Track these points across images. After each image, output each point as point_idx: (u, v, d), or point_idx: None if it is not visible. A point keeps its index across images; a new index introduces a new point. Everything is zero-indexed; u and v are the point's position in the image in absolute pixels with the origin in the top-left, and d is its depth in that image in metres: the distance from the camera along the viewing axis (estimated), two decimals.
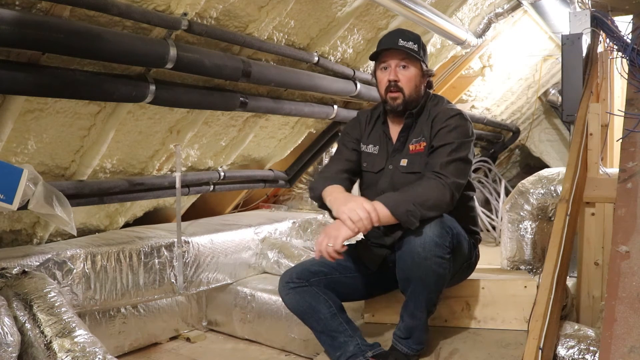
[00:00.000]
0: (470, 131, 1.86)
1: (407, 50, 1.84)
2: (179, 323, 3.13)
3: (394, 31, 1.95)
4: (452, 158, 1.77)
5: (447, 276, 1.75)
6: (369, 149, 2.00)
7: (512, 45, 4.78)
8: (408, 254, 1.69)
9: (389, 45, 1.87)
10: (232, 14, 2.47)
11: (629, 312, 1.54)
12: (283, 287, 1.92)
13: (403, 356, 1.82)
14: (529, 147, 7.18)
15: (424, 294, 1.75)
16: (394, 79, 1.87)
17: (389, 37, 1.91)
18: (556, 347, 1.80)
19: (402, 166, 1.89)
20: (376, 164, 1.97)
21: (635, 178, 1.99)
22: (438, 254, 1.67)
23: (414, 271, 1.70)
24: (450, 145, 1.78)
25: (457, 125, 1.82)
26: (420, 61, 1.89)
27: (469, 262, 1.97)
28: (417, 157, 1.87)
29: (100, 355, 1.91)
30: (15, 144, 2.27)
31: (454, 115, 1.84)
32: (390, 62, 1.88)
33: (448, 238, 1.69)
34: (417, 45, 1.88)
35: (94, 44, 1.95)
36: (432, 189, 1.71)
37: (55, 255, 2.44)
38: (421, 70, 1.91)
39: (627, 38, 2.43)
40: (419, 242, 1.66)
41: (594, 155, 2.31)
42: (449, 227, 1.71)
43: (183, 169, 3.20)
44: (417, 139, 1.89)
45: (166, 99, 2.44)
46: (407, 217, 1.65)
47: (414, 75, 1.89)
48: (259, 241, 3.42)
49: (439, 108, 1.90)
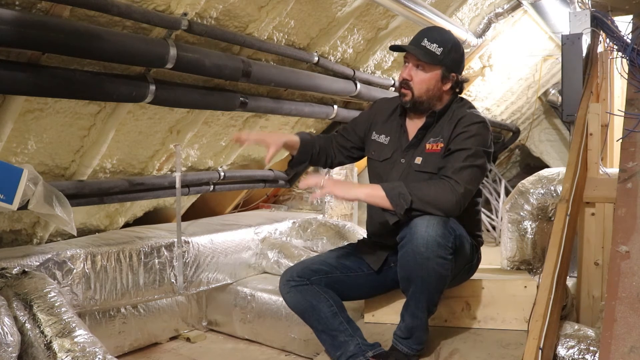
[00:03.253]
0: (490, 141, 1.84)
1: (418, 55, 1.83)
2: (179, 323, 3.13)
3: (426, 28, 1.94)
4: (467, 164, 1.76)
5: (449, 277, 1.75)
6: (380, 138, 2.00)
7: (512, 45, 4.78)
8: (410, 253, 1.69)
9: (413, 43, 1.87)
10: (232, 14, 2.47)
11: (629, 312, 1.54)
12: (284, 286, 1.92)
13: (403, 356, 1.82)
14: (529, 147, 7.18)
15: (425, 294, 1.75)
16: (406, 78, 1.87)
17: (419, 34, 1.89)
18: (556, 347, 1.80)
19: (416, 164, 1.88)
20: (383, 153, 1.98)
21: (635, 178, 1.99)
22: (440, 254, 1.67)
23: (415, 271, 1.70)
24: (467, 151, 1.77)
25: (478, 133, 1.81)
26: (440, 66, 1.85)
27: (470, 264, 1.97)
28: (432, 157, 1.86)
29: (100, 355, 1.91)
30: (15, 144, 2.27)
31: (477, 123, 1.82)
32: (409, 60, 1.88)
33: (451, 239, 1.69)
34: (442, 48, 1.83)
35: (94, 44, 1.94)
36: (438, 188, 1.71)
37: (55, 255, 2.44)
38: (440, 74, 1.87)
39: (627, 38, 2.43)
40: (421, 242, 1.66)
41: (594, 155, 2.31)
42: (451, 228, 1.71)
43: (183, 169, 3.20)
44: (435, 138, 1.87)
45: (166, 99, 2.44)
46: (398, 199, 1.68)
47: (427, 78, 1.86)
48: (259, 241, 3.42)
49: (462, 112, 1.87)
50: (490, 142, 1.86)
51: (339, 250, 2.09)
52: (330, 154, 2.10)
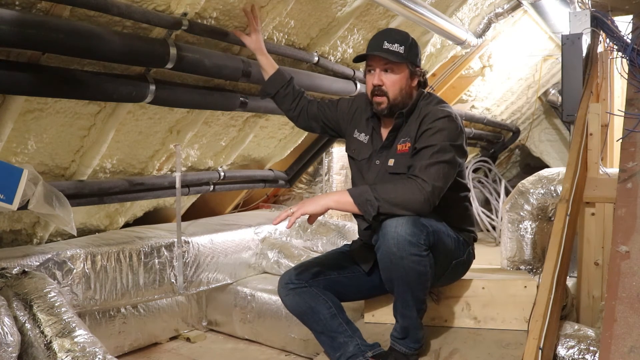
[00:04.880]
0: (457, 134, 1.82)
1: (388, 56, 1.82)
2: (179, 323, 3.14)
3: (380, 33, 1.93)
4: (433, 161, 1.74)
5: (429, 273, 1.74)
6: (361, 137, 2.02)
7: (512, 45, 4.78)
8: (385, 254, 1.70)
9: (373, 49, 1.85)
10: (232, 14, 2.47)
11: (629, 312, 1.54)
12: (282, 288, 1.92)
13: (402, 356, 1.83)
14: (529, 147, 7.18)
15: (408, 293, 1.75)
16: (377, 84, 1.86)
17: (375, 40, 1.88)
18: (556, 347, 1.80)
19: (389, 166, 1.89)
20: (362, 152, 2.00)
21: (635, 178, 1.99)
22: (413, 252, 1.67)
23: (393, 271, 1.71)
24: (432, 147, 1.76)
25: (443, 128, 1.79)
26: (407, 63, 1.87)
27: (459, 260, 1.96)
28: (402, 158, 1.87)
29: (100, 355, 1.91)
30: (15, 144, 2.27)
31: (442, 117, 1.81)
32: (375, 66, 1.87)
33: (422, 235, 1.68)
34: (404, 46, 1.84)
35: (94, 44, 1.94)
36: (405, 188, 1.71)
37: (55, 255, 2.44)
38: (408, 72, 1.88)
39: (627, 38, 2.43)
40: (392, 243, 1.66)
41: (594, 155, 2.32)
42: (422, 224, 1.70)
43: (183, 169, 3.20)
44: (404, 139, 1.88)
45: (166, 99, 2.44)
46: (365, 206, 1.69)
47: (398, 78, 1.86)
48: (259, 241, 3.42)
49: (428, 108, 1.87)
50: (459, 134, 1.83)
51: (336, 252, 2.10)
52: (302, 103, 2.21)
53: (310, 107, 2.21)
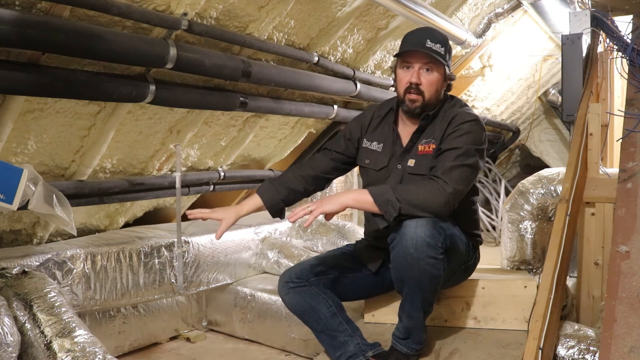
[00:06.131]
0: (483, 138, 1.82)
1: (433, 55, 1.78)
2: (179, 323, 3.14)
3: (421, 30, 1.89)
4: (457, 164, 1.73)
5: (442, 276, 1.74)
6: (372, 146, 1.97)
7: (512, 45, 4.78)
8: (401, 255, 1.68)
9: (416, 46, 1.79)
10: (232, 14, 2.47)
11: (629, 312, 1.54)
12: (282, 287, 1.92)
13: (403, 356, 1.82)
14: (529, 147, 7.18)
15: (419, 295, 1.74)
16: (416, 82, 1.81)
17: (417, 36, 1.82)
18: (556, 347, 1.80)
19: (410, 167, 1.86)
20: (379, 161, 1.94)
21: (635, 178, 1.99)
22: (430, 254, 1.66)
23: (407, 272, 1.70)
24: (457, 150, 1.75)
25: (469, 131, 1.78)
26: (445, 65, 1.84)
27: (466, 264, 1.96)
28: (424, 159, 1.84)
29: (100, 355, 1.91)
30: (15, 144, 2.27)
31: (469, 121, 1.80)
32: (415, 63, 1.81)
33: (440, 239, 1.67)
34: (445, 48, 1.82)
35: (94, 44, 1.94)
36: (427, 190, 1.69)
37: (55, 255, 2.44)
38: (444, 75, 1.85)
39: (627, 38, 2.43)
40: (411, 243, 1.65)
41: (594, 155, 2.32)
42: (441, 227, 1.69)
43: (183, 169, 3.20)
44: (427, 140, 1.85)
45: (166, 99, 2.44)
46: (387, 206, 1.66)
47: (436, 79, 1.83)
48: (259, 241, 3.42)
49: (454, 111, 1.84)
50: (484, 139, 1.83)
51: (337, 251, 2.09)
52: (313, 181, 2.02)
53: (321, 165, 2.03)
